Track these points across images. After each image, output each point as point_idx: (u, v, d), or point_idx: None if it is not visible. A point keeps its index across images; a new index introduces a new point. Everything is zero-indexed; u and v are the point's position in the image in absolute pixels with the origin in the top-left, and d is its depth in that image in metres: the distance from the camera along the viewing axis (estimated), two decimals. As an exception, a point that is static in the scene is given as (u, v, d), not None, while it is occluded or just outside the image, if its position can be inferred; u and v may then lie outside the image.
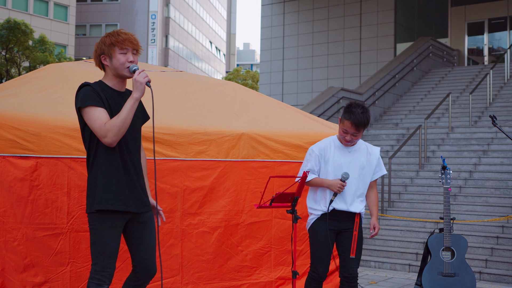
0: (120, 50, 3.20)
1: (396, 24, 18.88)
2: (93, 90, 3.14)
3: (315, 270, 3.95)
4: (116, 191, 3.15)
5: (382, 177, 9.21)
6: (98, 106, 3.10)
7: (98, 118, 3.07)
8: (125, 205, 3.17)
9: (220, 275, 4.57)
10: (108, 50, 3.21)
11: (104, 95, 3.17)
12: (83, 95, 3.12)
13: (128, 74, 3.24)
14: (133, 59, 3.24)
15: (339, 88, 13.71)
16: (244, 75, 43.21)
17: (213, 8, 62.98)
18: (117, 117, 3.07)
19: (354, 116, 3.79)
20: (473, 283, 5.16)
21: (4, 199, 3.71)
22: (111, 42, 3.20)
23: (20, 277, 3.73)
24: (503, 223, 8.00)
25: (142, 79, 3.12)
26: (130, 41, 3.22)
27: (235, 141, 4.65)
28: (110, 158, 3.15)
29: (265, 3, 21.20)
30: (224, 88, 5.33)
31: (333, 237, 3.97)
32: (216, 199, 4.57)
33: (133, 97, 3.11)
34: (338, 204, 3.95)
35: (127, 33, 3.25)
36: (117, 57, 3.20)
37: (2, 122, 3.72)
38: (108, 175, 3.15)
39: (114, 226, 3.17)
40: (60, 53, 28.10)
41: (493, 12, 19.61)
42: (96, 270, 3.15)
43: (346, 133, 3.89)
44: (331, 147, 4.01)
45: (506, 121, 11.97)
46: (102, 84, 3.25)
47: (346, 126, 3.86)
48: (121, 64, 3.20)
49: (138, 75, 3.13)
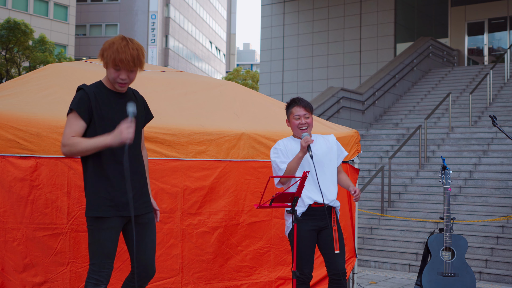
0: (115, 66, 3.15)
1: (396, 24, 18.88)
2: (85, 97, 3.14)
3: (301, 272, 3.88)
4: (107, 197, 3.15)
5: (382, 177, 9.21)
6: (80, 117, 3.11)
7: (71, 126, 3.11)
8: (117, 210, 3.17)
9: (220, 275, 4.57)
10: (105, 60, 3.18)
11: (99, 97, 3.17)
12: (74, 100, 3.16)
13: (119, 88, 3.22)
14: (125, 77, 3.17)
15: (339, 88, 13.72)
16: (244, 75, 43.21)
17: (213, 8, 62.98)
18: (85, 141, 3.06)
19: (299, 101, 4.03)
20: (473, 283, 5.16)
21: (4, 199, 3.71)
22: (107, 55, 3.15)
23: (20, 277, 3.73)
24: (503, 223, 8.00)
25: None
26: (126, 63, 3.12)
27: (235, 141, 4.65)
28: (105, 160, 3.15)
29: (265, 3, 21.20)
30: (224, 88, 5.33)
31: (315, 236, 3.91)
32: (216, 199, 4.57)
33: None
34: (315, 196, 3.88)
35: (128, 51, 3.12)
36: (110, 70, 3.18)
37: (2, 122, 3.72)
38: (100, 179, 3.15)
39: (110, 228, 3.17)
40: (60, 53, 28.11)
41: (493, 12, 19.61)
42: (94, 270, 3.16)
43: (299, 118, 3.96)
44: (291, 143, 4.00)
45: (506, 121, 11.97)
46: (100, 85, 3.25)
47: (296, 111, 3.97)
48: (112, 79, 3.19)
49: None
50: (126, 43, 3.14)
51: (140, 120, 3.35)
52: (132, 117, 3.05)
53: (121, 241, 4.05)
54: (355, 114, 14.03)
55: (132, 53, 3.13)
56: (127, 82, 3.22)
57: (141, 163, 3.36)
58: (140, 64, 3.20)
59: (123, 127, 3.00)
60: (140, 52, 3.18)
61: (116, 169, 3.17)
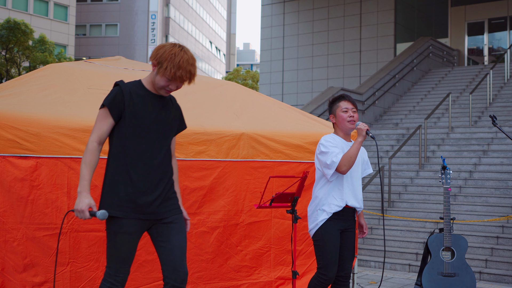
0: (170, 78, 3.07)
1: (396, 24, 18.88)
2: (120, 94, 3.07)
3: (325, 274, 3.84)
4: (126, 198, 3.04)
5: (382, 176, 9.21)
6: (109, 114, 3.06)
7: (98, 127, 3.07)
8: (135, 212, 3.06)
9: (220, 275, 4.57)
10: (159, 66, 3.07)
11: (134, 95, 3.10)
12: (108, 96, 3.08)
13: (163, 94, 3.17)
14: (175, 88, 3.13)
15: (339, 88, 13.72)
16: (244, 75, 43.21)
17: (213, 8, 62.98)
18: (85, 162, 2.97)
19: (347, 96, 4.09)
20: (473, 283, 5.16)
21: (4, 199, 3.71)
22: (166, 67, 3.04)
23: (20, 277, 3.73)
24: (503, 223, 8.00)
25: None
26: (180, 81, 3.08)
27: (235, 141, 4.65)
28: (130, 161, 3.07)
29: (265, 3, 21.20)
30: (224, 88, 5.33)
31: (340, 238, 3.95)
32: (216, 199, 4.56)
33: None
34: (351, 200, 3.94)
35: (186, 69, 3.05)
36: (162, 78, 3.09)
37: (2, 122, 3.72)
38: (120, 178, 3.06)
39: (127, 233, 3.05)
40: (60, 53, 28.11)
41: (493, 12, 19.61)
42: (109, 273, 3.06)
43: (347, 111, 3.99)
44: (336, 139, 4.02)
45: (506, 121, 11.97)
46: (138, 84, 3.18)
47: (344, 105, 4.02)
48: (160, 87, 3.12)
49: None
50: (187, 57, 3.06)
51: (171, 128, 3.27)
52: (94, 216, 2.93)
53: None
54: (355, 114, 14.02)
55: (190, 70, 3.08)
56: (173, 90, 3.18)
57: (169, 171, 3.23)
58: (192, 81, 3.15)
59: (79, 208, 2.89)
60: (195, 67, 3.14)
61: (141, 170, 3.08)
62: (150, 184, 3.10)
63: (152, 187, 3.11)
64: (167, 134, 3.24)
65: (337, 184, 3.94)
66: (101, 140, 3.08)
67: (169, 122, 3.25)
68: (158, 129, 3.17)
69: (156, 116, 3.16)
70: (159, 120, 3.18)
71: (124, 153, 3.08)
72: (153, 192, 3.11)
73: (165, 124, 3.22)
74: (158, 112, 3.17)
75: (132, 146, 3.09)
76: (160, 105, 3.20)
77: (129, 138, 3.09)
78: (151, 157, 3.12)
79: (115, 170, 3.08)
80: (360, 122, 3.93)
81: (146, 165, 3.10)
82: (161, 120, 3.19)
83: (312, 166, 4.90)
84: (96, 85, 4.47)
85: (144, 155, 3.10)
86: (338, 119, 4.02)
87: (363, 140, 3.85)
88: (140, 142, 3.10)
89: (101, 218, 2.92)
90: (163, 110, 3.22)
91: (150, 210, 3.09)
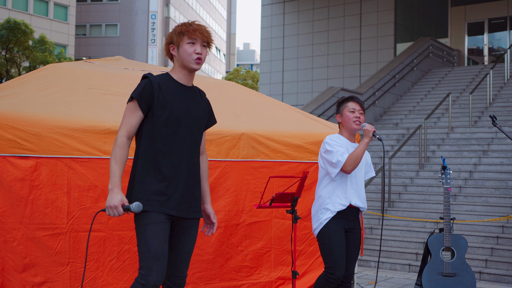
0: (189, 39, 3.05)
1: (396, 24, 18.88)
2: (149, 85, 3.01)
3: (333, 273, 3.82)
4: (156, 191, 2.96)
5: (382, 177, 9.21)
6: (138, 107, 2.99)
7: (127, 120, 3.00)
8: (165, 207, 2.97)
9: (220, 275, 4.57)
10: (177, 39, 3.07)
11: (163, 86, 3.03)
12: (136, 88, 3.03)
13: (196, 66, 3.09)
14: (202, 51, 3.08)
15: (339, 88, 13.72)
16: (244, 75, 43.21)
17: (213, 8, 62.98)
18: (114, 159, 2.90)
19: (356, 97, 4.09)
20: (473, 283, 5.16)
21: (4, 199, 3.71)
22: (180, 31, 3.06)
23: (20, 277, 3.73)
24: (503, 223, 8.00)
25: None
26: (201, 32, 3.06)
27: (235, 141, 4.65)
28: (155, 154, 3.00)
29: (265, 3, 21.20)
30: (224, 88, 5.33)
31: (344, 237, 3.95)
32: (216, 199, 4.56)
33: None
34: (354, 199, 3.95)
35: (200, 25, 3.09)
36: (184, 47, 3.06)
37: (2, 122, 3.72)
38: (151, 172, 2.99)
39: (157, 222, 2.93)
40: (60, 53, 28.11)
41: (493, 12, 19.61)
42: (142, 274, 2.90)
43: (354, 112, 4.00)
44: (340, 137, 4.02)
45: (506, 121, 11.97)
46: (166, 76, 3.12)
47: (351, 106, 4.02)
48: (188, 55, 3.06)
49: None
50: (193, 21, 3.12)
51: (201, 121, 3.19)
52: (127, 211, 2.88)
53: (121, 240, 4.05)
54: (355, 114, 14.02)
55: (202, 26, 3.10)
56: (203, 58, 3.09)
57: (197, 167, 3.16)
58: (211, 39, 3.13)
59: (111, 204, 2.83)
60: (209, 30, 3.14)
61: (172, 164, 3.01)
62: (179, 178, 3.02)
63: (181, 181, 3.03)
64: (197, 127, 3.16)
65: (341, 183, 3.94)
66: (130, 134, 3.01)
67: (199, 115, 3.16)
68: (188, 121, 3.09)
69: (186, 107, 3.09)
70: (189, 112, 3.09)
71: (153, 146, 3.01)
72: (182, 187, 3.03)
73: (195, 116, 3.14)
74: (188, 104, 3.10)
75: (162, 139, 3.01)
76: (189, 96, 3.13)
77: (158, 131, 3.01)
78: (181, 150, 3.04)
79: (145, 164, 3.00)
80: (366, 123, 3.94)
81: (176, 159, 3.02)
82: (191, 112, 3.11)
83: (312, 166, 4.91)
84: (96, 85, 4.47)
85: (174, 147, 3.02)
86: (344, 118, 4.03)
87: (369, 141, 3.87)
88: (171, 135, 3.02)
89: (136, 211, 2.84)
90: (193, 102, 3.14)
91: (178, 206, 3.01)
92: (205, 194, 3.29)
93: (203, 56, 3.10)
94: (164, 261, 2.94)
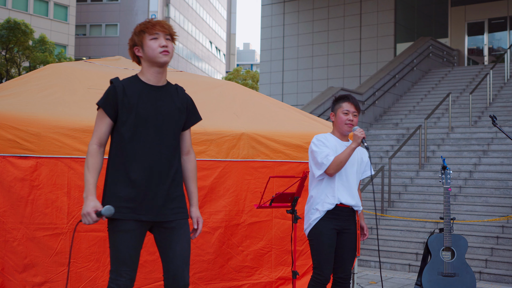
0: (150, 35, 3.00)
1: (396, 24, 18.88)
2: (112, 91, 2.96)
3: (320, 273, 3.81)
4: (125, 198, 2.92)
5: (382, 177, 9.22)
6: (105, 114, 2.96)
7: (96, 128, 2.98)
8: (135, 213, 2.92)
9: (221, 275, 4.57)
10: (139, 39, 3.03)
11: (128, 89, 2.97)
12: (102, 96, 2.99)
13: (164, 58, 3.00)
14: (167, 44, 3.00)
15: (339, 88, 13.71)
16: (244, 75, 43.21)
17: (213, 8, 62.98)
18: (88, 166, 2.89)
19: (351, 98, 4.01)
20: (473, 283, 5.16)
21: (4, 199, 3.71)
22: (140, 29, 3.02)
23: (20, 277, 3.73)
24: (503, 223, 8.00)
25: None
26: (161, 26, 3.01)
27: (235, 141, 4.65)
28: (124, 158, 2.94)
29: (265, 3, 21.20)
30: (224, 88, 5.33)
31: (335, 237, 3.88)
32: (217, 199, 4.56)
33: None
34: (345, 197, 3.86)
35: (159, 20, 3.06)
36: (148, 44, 3.00)
37: (2, 122, 3.72)
38: (119, 178, 2.94)
39: (125, 231, 2.91)
40: (60, 53, 28.12)
41: (493, 12, 19.61)
42: (111, 278, 2.93)
43: (347, 114, 3.93)
44: (329, 138, 3.98)
45: (506, 121, 11.97)
46: (133, 79, 3.05)
47: (346, 107, 3.95)
48: (153, 50, 2.98)
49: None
50: (149, 19, 3.08)
51: (175, 120, 3.07)
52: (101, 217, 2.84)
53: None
54: (355, 114, 14.01)
55: (160, 20, 3.06)
56: (170, 51, 3.01)
57: (174, 167, 3.05)
58: (173, 32, 3.07)
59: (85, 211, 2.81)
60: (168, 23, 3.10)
61: (140, 168, 2.94)
62: (150, 182, 2.95)
63: (153, 185, 2.96)
64: (170, 126, 3.05)
65: (330, 182, 3.88)
66: (102, 141, 2.97)
67: (171, 114, 3.05)
68: (157, 122, 2.99)
69: (154, 108, 2.99)
70: (158, 112, 3.00)
71: (121, 151, 2.95)
72: (154, 190, 2.96)
73: (166, 115, 3.03)
74: (156, 104, 3.00)
75: (129, 143, 2.94)
76: (159, 96, 3.03)
77: (125, 135, 2.95)
78: (150, 153, 2.96)
79: (113, 170, 2.97)
80: (358, 127, 3.85)
81: (145, 162, 2.95)
82: (160, 112, 3.01)
83: (312, 166, 4.90)
84: (96, 85, 4.47)
85: (142, 151, 2.95)
86: (337, 119, 3.98)
87: (356, 146, 3.80)
88: (138, 138, 2.95)
89: (106, 214, 2.83)
90: (163, 101, 3.04)
91: (151, 210, 2.96)
92: (191, 196, 3.17)
93: (170, 49, 3.01)
94: (132, 266, 2.94)
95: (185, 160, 3.17)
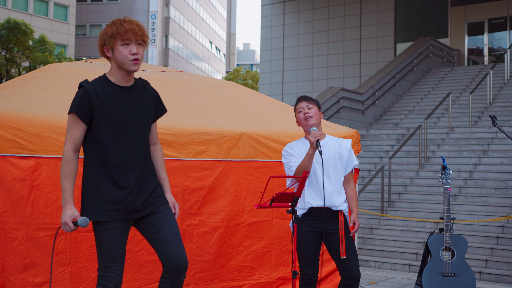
0: (122, 41, 2.95)
1: (396, 24, 18.88)
2: (86, 96, 2.93)
3: (303, 273, 3.86)
4: (111, 200, 2.96)
5: (382, 177, 9.21)
6: (79, 119, 2.94)
7: (70, 133, 2.96)
8: (121, 214, 2.98)
9: (221, 275, 4.57)
10: (109, 42, 2.97)
11: (101, 93, 2.95)
12: (73, 100, 2.97)
13: (133, 67, 2.98)
14: (137, 51, 2.96)
15: (339, 88, 13.72)
16: (244, 75, 43.22)
17: (213, 8, 62.98)
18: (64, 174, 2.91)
19: (301, 96, 4.02)
20: (473, 283, 5.16)
21: (4, 199, 3.71)
22: (111, 34, 2.94)
23: (20, 277, 3.73)
24: (503, 223, 8.00)
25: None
26: (133, 32, 2.94)
27: (235, 141, 4.65)
28: (104, 162, 2.96)
29: (265, 3, 21.20)
30: (224, 88, 5.34)
31: (317, 238, 3.84)
32: (217, 199, 4.57)
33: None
34: (316, 200, 3.81)
35: (132, 22, 2.97)
36: (118, 49, 2.95)
37: (2, 122, 3.72)
38: (103, 181, 2.96)
39: (113, 229, 2.97)
40: (60, 53, 28.11)
41: (493, 12, 19.61)
42: (100, 275, 2.98)
43: (302, 111, 3.91)
44: (298, 144, 3.94)
45: (506, 121, 11.98)
46: (103, 80, 3.02)
47: (299, 106, 3.95)
48: (124, 57, 2.95)
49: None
50: (123, 19, 3.00)
51: (148, 118, 3.11)
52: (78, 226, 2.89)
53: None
54: (355, 114, 14.04)
55: (134, 24, 2.98)
56: (140, 58, 2.99)
57: (149, 163, 3.14)
58: (145, 36, 3.02)
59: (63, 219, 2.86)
60: (141, 25, 3.03)
61: (122, 170, 2.98)
62: (133, 183, 3.00)
63: (136, 186, 3.01)
64: (144, 125, 3.09)
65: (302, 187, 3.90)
66: (77, 147, 2.98)
67: (144, 113, 3.09)
68: (132, 123, 3.02)
69: (128, 109, 3.01)
70: (132, 113, 3.02)
71: (100, 154, 2.97)
72: (137, 189, 3.02)
73: (140, 115, 3.07)
74: (129, 105, 3.02)
75: (109, 146, 2.96)
76: (131, 96, 3.04)
77: (104, 139, 2.96)
78: (130, 154, 3.01)
79: (94, 173, 2.97)
80: (315, 129, 3.75)
81: (127, 164, 2.99)
82: (134, 113, 3.03)
83: (312, 166, 4.90)
84: (96, 85, 4.47)
85: (123, 153, 2.99)
86: (298, 121, 3.97)
87: (313, 152, 3.66)
88: (117, 141, 2.97)
89: (83, 226, 2.87)
90: (136, 101, 3.06)
91: (135, 208, 3.02)
92: (164, 183, 3.23)
93: (140, 56, 2.99)
94: (121, 262, 3.00)
95: (153, 150, 3.25)
